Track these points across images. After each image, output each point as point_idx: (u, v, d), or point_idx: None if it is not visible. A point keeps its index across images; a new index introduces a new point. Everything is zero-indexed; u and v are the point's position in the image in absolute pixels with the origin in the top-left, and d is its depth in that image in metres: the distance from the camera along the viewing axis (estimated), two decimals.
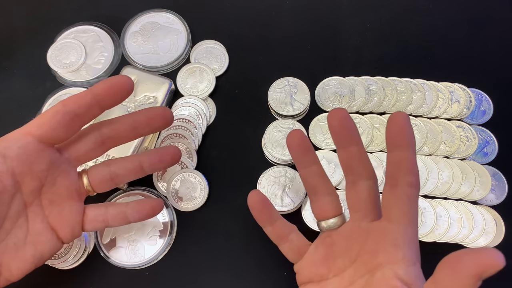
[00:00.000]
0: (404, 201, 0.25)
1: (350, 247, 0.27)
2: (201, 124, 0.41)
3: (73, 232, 0.30)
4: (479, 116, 0.42)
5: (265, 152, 0.40)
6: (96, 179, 0.31)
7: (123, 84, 0.28)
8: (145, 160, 0.32)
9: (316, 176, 0.29)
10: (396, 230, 0.25)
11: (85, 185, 0.31)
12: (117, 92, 0.28)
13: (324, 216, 0.29)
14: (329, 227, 0.29)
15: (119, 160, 0.32)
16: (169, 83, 0.41)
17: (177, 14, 0.45)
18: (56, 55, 0.43)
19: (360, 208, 0.27)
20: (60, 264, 0.36)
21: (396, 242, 0.25)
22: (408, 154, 0.25)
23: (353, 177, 0.28)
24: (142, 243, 0.37)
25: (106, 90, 0.28)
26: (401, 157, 0.25)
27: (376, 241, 0.26)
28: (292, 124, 0.40)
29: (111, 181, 0.31)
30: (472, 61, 0.45)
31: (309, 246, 0.30)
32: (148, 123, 0.31)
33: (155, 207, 0.32)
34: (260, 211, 0.30)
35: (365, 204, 0.27)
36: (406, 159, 0.25)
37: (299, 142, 0.29)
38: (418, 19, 0.46)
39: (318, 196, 0.29)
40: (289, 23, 0.46)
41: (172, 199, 0.39)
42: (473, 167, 0.40)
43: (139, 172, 0.32)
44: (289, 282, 0.37)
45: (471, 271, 0.21)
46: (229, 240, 0.38)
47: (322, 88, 0.43)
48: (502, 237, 0.38)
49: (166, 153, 0.32)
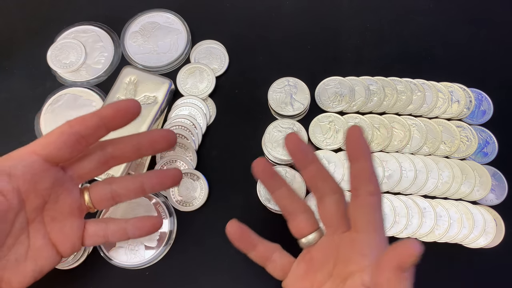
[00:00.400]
0: (366, 210, 0.26)
1: (327, 260, 0.28)
2: (201, 124, 0.41)
3: (73, 247, 0.30)
4: (479, 116, 0.42)
5: (265, 152, 0.40)
6: (97, 196, 0.31)
7: (130, 107, 0.28)
8: (147, 182, 0.32)
9: (286, 198, 0.30)
10: (362, 239, 0.26)
11: (86, 202, 0.31)
12: (124, 116, 0.28)
13: (302, 234, 0.30)
14: (309, 243, 0.30)
15: (121, 180, 0.32)
16: (169, 83, 0.41)
17: (177, 14, 0.45)
18: (56, 55, 0.43)
19: (331, 222, 0.29)
20: (60, 264, 0.36)
21: (363, 251, 0.26)
22: (365, 164, 0.26)
23: (319, 194, 0.29)
24: (142, 243, 0.37)
25: (113, 113, 0.28)
26: (359, 168, 0.27)
27: (347, 252, 0.27)
28: (292, 124, 0.40)
29: (112, 199, 0.31)
30: (472, 61, 0.45)
31: (292, 264, 0.31)
32: (152, 146, 0.31)
33: (155, 225, 0.33)
34: (240, 240, 0.31)
35: (334, 218, 0.28)
36: (363, 169, 0.26)
37: (263, 168, 0.30)
38: (418, 19, 0.46)
39: (292, 216, 0.30)
40: (289, 23, 0.46)
41: (172, 199, 0.39)
42: (473, 167, 0.40)
43: (139, 192, 0.32)
44: None
45: (391, 265, 0.22)
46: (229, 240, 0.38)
47: (322, 88, 0.43)
48: (502, 237, 0.38)
49: (167, 175, 0.33)
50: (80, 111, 0.41)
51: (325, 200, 0.29)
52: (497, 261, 0.38)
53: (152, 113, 0.40)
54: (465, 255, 0.38)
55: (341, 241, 0.28)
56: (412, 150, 0.40)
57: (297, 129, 0.40)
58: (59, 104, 0.42)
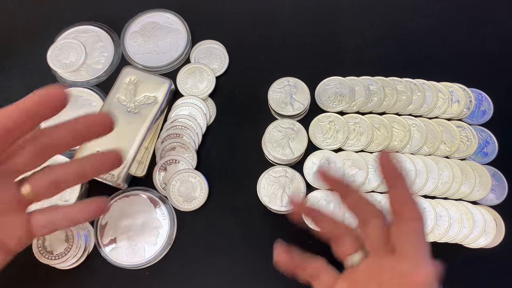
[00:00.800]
0: (411, 236, 0.27)
1: (370, 282, 0.28)
2: (201, 124, 0.41)
3: (20, 242, 0.29)
4: (479, 116, 0.42)
5: (265, 152, 0.40)
6: (37, 187, 0.29)
7: (53, 97, 0.26)
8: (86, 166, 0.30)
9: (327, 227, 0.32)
10: (406, 266, 0.27)
11: (26, 195, 0.29)
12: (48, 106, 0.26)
13: (346, 254, 0.31)
14: (355, 263, 0.30)
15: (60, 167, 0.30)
16: (169, 83, 0.41)
17: (177, 14, 0.45)
18: (56, 55, 0.43)
19: (374, 246, 0.29)
20: (60, 264, 0.36)
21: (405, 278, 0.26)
22: (402, 189, 0.27)
23: (362, 219, 0.30)
24: (142, 243, 0.37)
25: (35, 105, 0.26)
26: (398, 193, 0.28)
27: (389, 276, 0.27)
28: (292, 124, 0.40)
29: (54, 188, 0.30)
30: (472, 61, 0.45)
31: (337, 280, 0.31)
32: (89, 130, 0.29)
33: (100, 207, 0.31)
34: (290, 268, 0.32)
35: (378, 242, 0.29)
36: (403, 194, 0.27)
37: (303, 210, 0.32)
38: (418, 19, 0.46)
39: (336, 240, 0.31)
40: (289, 23, 0.46)
41: (172, 199, 0.39)
42: (473, 167, 0.40)
43: (81, 178, 0.30)
44: (289, 282, 0.37)
45: None
46: (229, 240, 0.38)
47: (322, 88, 0.43)
48: (502, 237, 0.38)
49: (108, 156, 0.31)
50: (80, 111, 0.41)
51: (368, 224, 0.29)
52: (497, 261, 0.38)
53: (152, 113, 0.40)
54: (465, 255, 0.38)
55: (384, 265, 0.28)
56: (412, 150, 0.40)
57: (297, 129, 0.40)
58: None
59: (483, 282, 0.37)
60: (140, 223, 0.38)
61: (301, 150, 0.39)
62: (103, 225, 0.38)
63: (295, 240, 0.38)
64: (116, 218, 0.38)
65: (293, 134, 0.40)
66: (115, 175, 0.38)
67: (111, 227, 0.38)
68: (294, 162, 0.40)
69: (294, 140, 0.40)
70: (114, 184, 0.38)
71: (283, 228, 0.39)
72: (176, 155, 0.40)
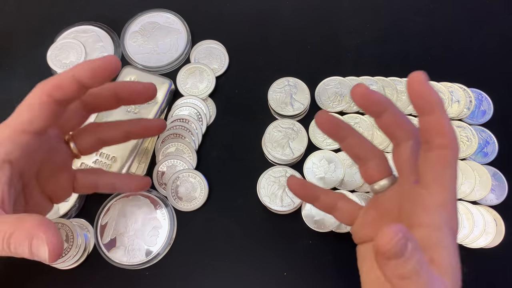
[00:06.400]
0: (436, 165, 0.25)
1: (392, 209, 0.28)
2: (201, 124, 0.41)
3: (65, 196, 0.32)
4: (479, 116, 0.42)
5: (265, 152, 0.40)
6: (83, 144, 0.31)
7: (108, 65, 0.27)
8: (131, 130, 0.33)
9: (354, 146, 0.29)
10: (428, 195, 0.25)
11: (72, 150, 0.31)
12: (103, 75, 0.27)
13: (373, 179, 0.29)
14: (382, 188, 0.29)
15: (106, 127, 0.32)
16: (169, 83, 0.41)
17: (177, 14, 0.45)
18: (56, 55, 0.43)
19: (403, 169, 0.28)
20: (60, 264, 0.36)
21: (426, 208, 0.25)
22: (435, 117, 0.24)
23: (396, 141, 0.28)
24: (142, 243, 0.37)
25: (90, 75, 0.26)
26: (429, 121, 0.25)
27: (410, 205, 0.26)
28: (292, 124, 0.40)
29: (98, 145, 0.32)
30: (472, 61, 0.45)
31: (360, 210, 0.31)
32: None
33: (141, 185, 0.35)
34: (301, 193, 0.32)
35: (407, 165, 0.27)
36: (435, 121, 0.24)
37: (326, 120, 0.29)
38: (418, 19, 0.46)
39: (362, 162, 0.30)
40: (289, 23, 0.46)
41: (172, 199, 0.39)
42: (473, 167, 0.40)
43: (124, 138, 0.33)
44: (289, 282, 0.37)
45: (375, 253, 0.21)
46: (229, 240, 0.38)
47: (322, 88, 0.43)
48: (502, 237, 0.38)
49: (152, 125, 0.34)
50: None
51: (400, 146, 0.27)
52: (497, 261, 0.38)
53: (152, 113, 0.40)
54: (465, 255, 0.38)
55: (407, 192, 0.27)
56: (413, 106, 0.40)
57: (297, 129, 0.40)
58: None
59: (483, 282, 0.37)
60: (140, 223, 0.38)
61: (301, 150, 0.39)
62: (103, 225, 0.38)
63: (295, 240, 0.38)
64: (116, 218, 0.38)
65: (293, 134, 0.40)
66: None
67: (111, 227, 0.38)
68: (294, 162, 0.40)
69: (294, 140, 0.40)
70: None
71: (283, 228, 0.39)
72: (176, 155, 0.40)
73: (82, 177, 0.32)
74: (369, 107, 0.27)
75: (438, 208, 0.25)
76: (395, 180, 0.29)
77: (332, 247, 0.37)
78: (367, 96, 0.26)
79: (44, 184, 0.29)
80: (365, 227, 0.30)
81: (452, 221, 0.25)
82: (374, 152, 0.29)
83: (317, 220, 0.38)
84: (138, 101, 0.31)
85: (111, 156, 0.38)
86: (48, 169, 0.29)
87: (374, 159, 0.29)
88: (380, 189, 0.29)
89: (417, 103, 0.25)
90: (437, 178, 0.25)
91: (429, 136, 0.25)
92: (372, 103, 0.26)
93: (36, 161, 0.28)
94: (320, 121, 0.29)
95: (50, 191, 0.30)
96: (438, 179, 0.25)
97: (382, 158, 0.29)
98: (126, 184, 0.34)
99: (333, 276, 0.37)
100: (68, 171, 0.31)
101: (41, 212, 0.30)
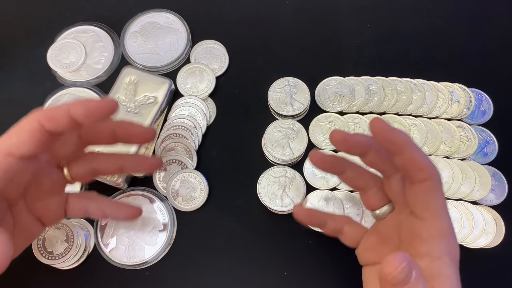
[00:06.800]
0: (422, 197, 0.26)
1: (392, 236, 0.29)
2: (201, 124, 0.41)
3: (57, 219, 0.32)
4: (479, 116, 0.42)
5: (265, 152, 0.40)
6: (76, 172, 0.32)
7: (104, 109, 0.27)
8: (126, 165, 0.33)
9: (353, 178, 0.30)
10: (421, 225, 0.26)
11: (66, 176, 0.31)
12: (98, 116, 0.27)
13: (373, 207, 0.30)
14: (383, 214, 0.30)
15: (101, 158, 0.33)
16: (169, 83, 0.41)
17: (177, 14, 0.45)
18: (56, 55, 0.43)
19: (397, 200, 0.29)
20: (60, 264, 0.36)
21: (421, 237, 0.26)
22: (407, 155, 0.25)
23: (384, 174, 0.29)
24: (142, 243, 0.37)
25: (85, 114, 0.26)
26: (403, 160, 0.26)
27: (408, 235, 0.27)
28: (292, 124, 0.40)
29: (91, 175, 0.33)
30: (472, 61, 0.45)
31: (364, 233, 0.31)
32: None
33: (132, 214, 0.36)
34: (309, 221, 0.32)
35: (401, 197, 0.28)
36: (408, 160, 0.25)
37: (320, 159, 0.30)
38: (418, 19, 0.46)
39: (363, 191, 0.31)
40: (289, 23, 0.46)
41: (172, 199, 0.39)
42: (473, 167, 0.40)
43: (117, 171, 0.34)
44: (289, 282, 0.37)
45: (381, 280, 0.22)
46: (229, 240, 0.38)
47: (322, 88, 0.43)
48: (502, 237, 0.38)
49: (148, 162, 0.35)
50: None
51: (390, 179, 0.28)
52: (497, 261, 0.38)
53: (152, 113, 0.40)
54: (465, 255, 0.38)
55: (404, 222, 0.28)
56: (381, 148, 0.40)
57: (297, 129, 0.40)
58: (59, 104, 0.42)
59: (483, 282, 0.37)
60: (140, 223, 0.38)
61: (301, 150, 0.39)
62: (103, 225, 0.38)
63: (295, 240, 0.38)
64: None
65: (293, 134, 0.40)
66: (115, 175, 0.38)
67: (111, 227, 0.38)
68: (294, 162, 0.40)
69: (294, 140, 0.40)
70: (114, 184, 0.38)
71: (283, 228, 0.39)
72: (176, 155, 0.40)
73: (74, 201, 0.32)
74: (350, 151, 0.28)
75: (435, 238, 0.25)
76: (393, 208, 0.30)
77: (332, 247, 0.37)
78: (345, 142, 0.27)
79: (32, 206, 0.30)
80: (369, 251, 0.30)
81: (451, 249, 0.26)
82: (373, 180, 0.30)
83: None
84: (136, 142, 0.33)
85: None
86: (36, 192, 0.29)
87: (373, 187, 0.30)
88: (381, 215, 0.30)
89: (386, 147, 0.26)
90: (428, 209, 0.26)
91: (408, 172, 0.26)
92: (352, 147, 0.28)
93: (21, 184, 0.28)
94: (314, 160, 0.30)
95: (40, 213, 0.30)
96: (429, 210, 0.26)
97: (381, 185, 0.30)
98: (116, 213, 0.35)
99: (333, 276, 0.37)
100: (59, 195, 0.31)
101: (31, 234, 0.31)
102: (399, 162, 0.26)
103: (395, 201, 0.29)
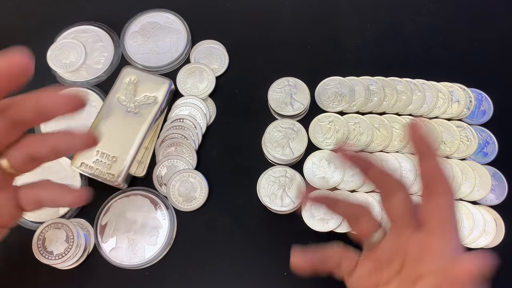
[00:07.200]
0: (441, 210, 0.26)
1: (393, 259, 0.28)
2: (201, 124, 0.41)
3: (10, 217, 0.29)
4: (479, 116, 0.42)
5: (265, 152, 0.40)
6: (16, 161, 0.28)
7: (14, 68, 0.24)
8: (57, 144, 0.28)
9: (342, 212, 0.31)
10: (436, 240, 0.26)
11: (7, 169, 0.27)
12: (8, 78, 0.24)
13: (367, 235, 0.30)
14: (375, 241, 0.30)
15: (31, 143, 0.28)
16: (169, 83, 0.41)
17: (177, 14, 0.45)
18: (56, 55, 0.43)
19: (398, 220, 0.28)
20: (60, 264, 0.36)
21: (437, 252, 0.26)
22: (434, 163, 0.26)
23: (385, 193, 0.29)
24: (142, 243, 0.37)
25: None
26: (429, 166, 0.27)
27: (417, 252, 0.27)
28: (292, 124, 0.40)
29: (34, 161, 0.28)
30: (472, 61, 0.45)
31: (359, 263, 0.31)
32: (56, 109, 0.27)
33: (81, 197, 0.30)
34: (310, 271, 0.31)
35: (402, 216, 0.28)
36: (434, 167, 0.26)
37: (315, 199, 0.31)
38: (418, 19, 0.46)
39: (352, 222, 0.31)
40: (289, 23, 0.46)
41: (172, 199, 0.39)
42: (473, 167, 0.40)
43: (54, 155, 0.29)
44: (289, 282, 0.37)
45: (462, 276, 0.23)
46: (229, 240, 0.38)
47: (322, 88, 0.43)
48: (502, 237, 0.38)
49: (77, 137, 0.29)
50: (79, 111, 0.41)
51: (392, 198, 0.28)
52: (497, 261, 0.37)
53: (152, 113, 0.40)
54: None
55: (411, 240, 0.27)
56: (412, 150, 0.40)
57: (297, 129, 0.40)
58: None
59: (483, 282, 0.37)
60: (140, 223, 0.38)
61: (301, 150, 0.39)
62: (103, 225, 0.38)
63: (295, 240, 0.38)
64: (116, 218, 0.38)
65: (293, 134, 0.40)
66: (115, 175, 0.38)
67: (111, 227, 0.38)
68: (294, 162, 0.40)
69: (294, 140, 0.40)
70: (114, 184, 0.38)
71: (283, 228, 0.39)
72: (176, 155, 0.40)
73: (25, 193, 0.29)
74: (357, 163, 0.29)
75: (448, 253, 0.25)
76: (385, 232, 0.30)
77: None
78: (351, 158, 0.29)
79: None
80: (363, 280, 0.29)
81: None
82: (359, 210, 0.30)
83: (317, 220, 0.38)
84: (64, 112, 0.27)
85: (111, 156, 0.38)
86: None
87: (362, 217, 0.30)
88: (375, 242, 0.30)
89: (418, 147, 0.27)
90: (443, 224, 0.26)
91: (430, 182, 0.27)
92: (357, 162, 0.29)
93: None
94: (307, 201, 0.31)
95: None
96: (444, 225, 0.26)
97: (368, 214, 0.30)
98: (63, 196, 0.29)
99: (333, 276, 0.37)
100: (4, 189, 0.28)
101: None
102: (425, 168, 0.27)
103: (395, 220, 0.28)
